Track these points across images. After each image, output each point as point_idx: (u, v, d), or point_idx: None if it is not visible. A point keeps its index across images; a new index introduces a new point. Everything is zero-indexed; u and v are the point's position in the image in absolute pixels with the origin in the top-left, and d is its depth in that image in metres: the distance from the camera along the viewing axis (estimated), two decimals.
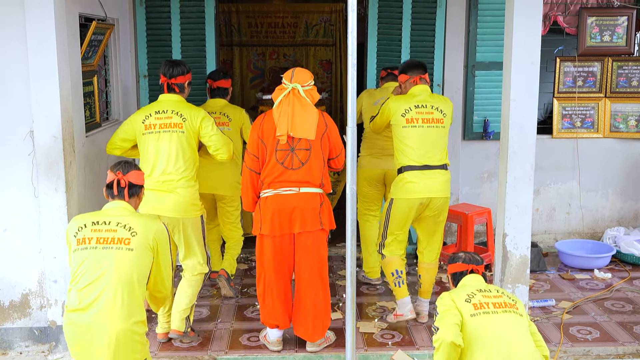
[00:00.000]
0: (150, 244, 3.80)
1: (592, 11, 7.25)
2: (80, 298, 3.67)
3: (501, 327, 3.70)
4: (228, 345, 5.18)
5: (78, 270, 3.72)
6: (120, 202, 3.94)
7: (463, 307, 3.74)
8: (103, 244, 3.72)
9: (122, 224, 3.79)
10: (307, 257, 4.95)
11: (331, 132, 4.96)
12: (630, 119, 7.44)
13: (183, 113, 5.07)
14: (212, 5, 6.96)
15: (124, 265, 3.70)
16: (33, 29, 4.82)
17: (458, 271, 4.05)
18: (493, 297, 3.81)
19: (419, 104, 5.32)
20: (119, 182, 3.96)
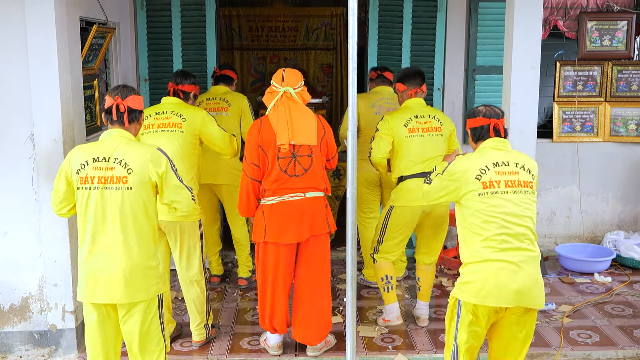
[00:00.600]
0: (148, 177, 3.83)
1: (592, 15, 7.26)
2: (92, 240, 3.80)
3: (505, 208, 3.76)
4: (228, 349, 5.18)
5: (85, 211, 3.81)
6: (118, 130, 3.92)
7: (472, 184, 3.82)
8: (105, 184, 3.77)
9: (119, 160, 3.80)
10: (314, 262, 4.93)
11: (329, 135, 4.94)
12: (630, 123, 7.45)
13: (183, 113, 5.08)
14: (213, 9, 6.97)
15: (126, 204, 3.77)
16: (34, 32, 4.82)
17: (478, 126, 4.02)
18: (508, 174, 3.81)
19: (418, 114, 5.34)
20: (118, 107, 3.91)
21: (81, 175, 3.80)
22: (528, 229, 3.78)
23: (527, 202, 3.81)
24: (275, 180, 4.79)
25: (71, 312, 5.13)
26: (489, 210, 3.76)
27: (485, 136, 3.99)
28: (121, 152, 3.82)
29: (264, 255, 4.94)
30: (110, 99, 3.93)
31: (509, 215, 3.74)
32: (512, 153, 3.94)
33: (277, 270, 4.93)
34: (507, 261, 3.70)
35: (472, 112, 4.08)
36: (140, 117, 4.03)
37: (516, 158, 3.91)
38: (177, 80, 5.32)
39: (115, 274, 3.75)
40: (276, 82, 4.82)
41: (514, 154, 3.93)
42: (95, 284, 3.78)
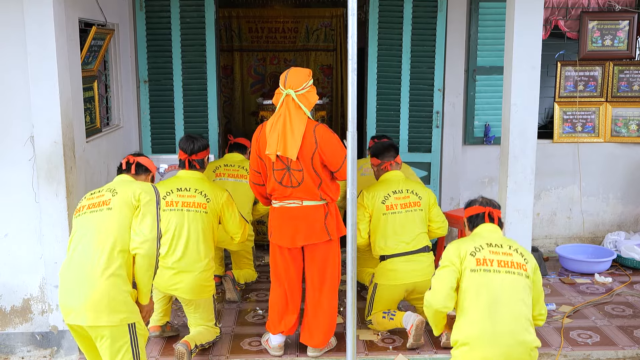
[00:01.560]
0: (129, 199, 3.91)
1: (593, 15, 7.26)
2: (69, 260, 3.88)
3: (496, 288, 3.75)
4: (229, 350, 5.17)
5: (72, 236, 3.95)
6: (123, 176, 4.18)
7: (467, 261, 3.81)
8: (91, 209, 3.94)
9: (111, 189, 4.01)
10: (315, 268, 4.95)
11: (323, 149, 4.71)
12: (631, 123, 7.44)
13: (207, 193, 5.10)
14: (212, 10, 6.97)
15: (103, 224, 3.86)
16: (33, 34, 4.82)
17: (474, 214, 4.09)
18: (501, 254, 3.84)
19: (396, 190, 5.40)
20: (127, 160, 4.25)
21: (77, 207, 4.05)
22: (520, 312, 3.76)
23: (521, 285, 3.80)
24: (273, 189, 4.84)
25: None
26: (480, 288, 3.77)
27: (480, 223, 4.07)
28: (115, 185, 4.05)
29: (273, 254, 5.04)
30: (124, 159, 4.30)
31: (501, 293, 3.75)
32: (505, 238, 4.00)
33: (283, 270, 4.99)
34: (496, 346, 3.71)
35: (470, 201, 4.20)
36: (147, 175, 4.27)
37: (510, 242, 3.97)
38: (190, 149, 5.19)
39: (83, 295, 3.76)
40: (280, 84, 4.76)
41: (508, 239, 4.00)
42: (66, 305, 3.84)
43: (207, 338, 5.08)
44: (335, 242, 5.00)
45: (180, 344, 4.80)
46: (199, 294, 5.00)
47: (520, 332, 3.74)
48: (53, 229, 5.01)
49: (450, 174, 7.35)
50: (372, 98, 7.24)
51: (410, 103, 7.21)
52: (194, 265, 4.96)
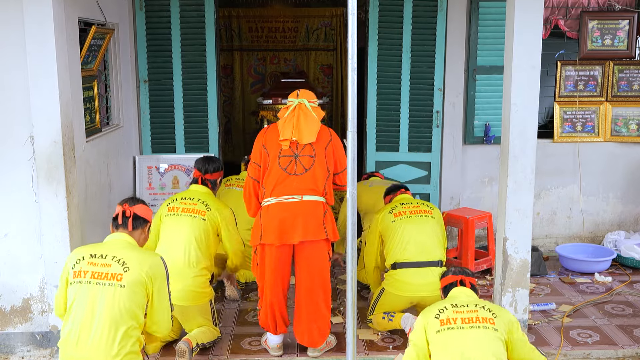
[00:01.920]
0: (144, 279, 3.86)
1: (593, 15, 7.25)
2: (73, 331, 3.79)
3: (463, 343, 3.74)
4: (229, 350, 5.18)
5: (73, 305, 3.83)
6: (121, 234, 4.05)
7: (431, 325, 3.83)
8: (97, 279, 3.81)
9: (117, 258, 3.87)
10: (309, 267, 4.93)
11: (336, 145, 4.98)
12: (631, 122, 7.44)
13: (209, 203, 5.21)
14: (212, 9, 6.97)
15: (115, 302, 3.79)
16: (32, 33, 4.81)
17: (448, 283, 4.15)
18: (466, 312, 3.85)
19: (404, 202, 5.50)
20: (124, 212, 4.07)
21: (75, 270, 3.87)
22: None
23: (489, 338, 3.77)
24: (274, 179, 4.83)
25: None
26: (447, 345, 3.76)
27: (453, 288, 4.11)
28: (120, 253, 3.91)
29: (262, 257, 4.99)
30: (119, 207, 4.13)
31: (467, 348, 3.72)
32: (475, 298, 4.00)
33: (272, 271, 4.96)
34: None
35: (443, 272, 4.25)
36: (145, 226, 4.17)
37: (480, 302, 3.94)
38: (204, 168, 5.40)
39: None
40: (292, 97, 5.00)
41: (479, 300, 3.97)
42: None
43: (209, 337, 5.09)
44: (329, 244, 5.03)
45: (182, 342, 4.80)
46: (193, 299, 5.01)
47: None
48: (53, 228, 5.01)
49: (451, 173, 7.35)
50: (372, 97, 7.24)
51: (410, 103, 7.21)
52: (184, 272, 4.99)
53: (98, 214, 5.87)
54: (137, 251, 3.98)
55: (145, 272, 3.87)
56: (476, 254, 6.80)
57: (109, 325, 3.76)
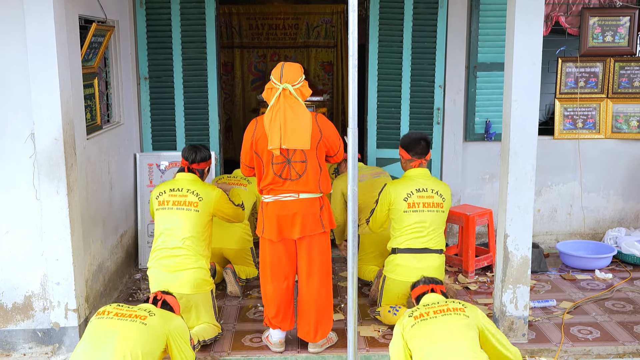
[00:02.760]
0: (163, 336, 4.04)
1: (594, 11, 7.25)
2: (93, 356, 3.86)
3: (437, 329, 3.89)
4: (231, 346, 5.18)
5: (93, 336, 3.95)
6: (148, 306, 4.20)
7: (406, 324, 4.00)
8: (119, 317, 3.98)
9: (143, 308, 4.11)
10: (309, 261, 4.96)
11: (327, 136, 4.85)
12: (632, 119, 7.44)
13: (199, 192, 5.18)
14: (213, 7, 6.97)
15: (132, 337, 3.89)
16: (33, 31, 4.81)
17: (420, 293, 4.30)
18: (437, 306, 4.04)
19: (420, 188, 5.37)
20: (155, 296, 4.27)
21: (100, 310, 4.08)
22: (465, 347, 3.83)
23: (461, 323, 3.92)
24: (270, 183, 4.83)
25: (74, 310, 5.13)
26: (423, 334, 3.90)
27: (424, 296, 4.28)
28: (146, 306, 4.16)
29: (263, 250, 5.04)
30: (153, 294, 4.32)
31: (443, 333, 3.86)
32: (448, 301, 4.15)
33: (274, 266, 4.99)
34: None
35: (414, 283, 4.42)
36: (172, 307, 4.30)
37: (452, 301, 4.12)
38: (191, 158, 5.35)
39: None
40: (275, 78, 4.77)
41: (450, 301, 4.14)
42: None
43: (210, 334, 5.11)
44: (328, 234, 5.05)
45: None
46: (196, 287, 5.06)
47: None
48: (54, 226, 5.01)
49: (451, 170, 7.35)
50: (372, 94, 7.24)
51: (411, 99, 7.21)
52: (185, 263, 5.04)
53: (99, 211, 5.87)
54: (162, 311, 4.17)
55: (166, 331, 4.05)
56: (477, 251, 6.81)
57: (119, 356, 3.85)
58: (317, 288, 4.99)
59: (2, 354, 5.25)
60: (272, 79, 4.78)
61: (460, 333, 3.86)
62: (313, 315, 4.99)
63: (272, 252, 4.97)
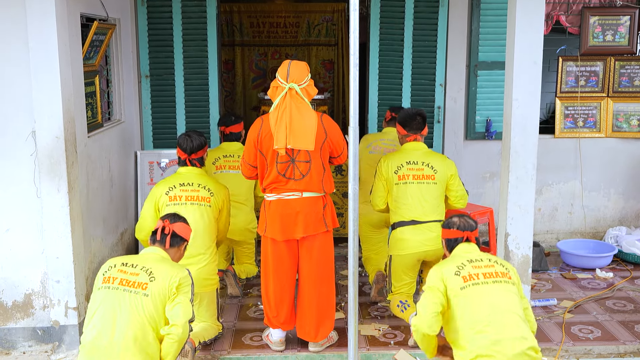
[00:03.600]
0: (166, 291, 3.92)
1: (594, 10, 7.25)
2: (96, 332, 3.84)
3: (491, 297, 3.83)
4: (231, 345, 5.18)
5: (98, 309, 3.89)
6: (156, 249, 4.14)
7: (452, 281, 3.88)
8: (124, 286, 3.89)
9: (146, 268, 3.96)
10: (312, 260, 4.95)
11: (332, 137, 4.85)
12: (632, 118, 7.44)
13: (210, 188, 5.15)
14: (214, 5, 6.97)
15: (140, 309, 3.85)
16: (34, 29, 4.81)
17: (452, 237, 4.17)
18: (484, 267, 3.93)
19: (410, 160, 5.40)
20: (163, 228, 4.15)
21: (105, 276, 3.95)
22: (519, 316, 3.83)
23: (509, 291, 3.90)
24: (273, 182, 4.81)
25: (74, 308, 5.13)
26: (474, 301, 3.84)
27: (458, 244, 4.17)
28: (150, 264, 4.00)
29: (265, 249, 5.02)
30: (160, 222, 4.21)
31: (497, 302, 3.82)
32: (483, 253, 4.08)
33: (276, 265, 4.97)
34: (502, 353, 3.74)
35: (447, 223, 4.24)
36: (181, 244, 4.26)
37: (488, 255, 4.06)
38: (189, 149, 5.22)
39: None
40: (281, 77, 4.75)
41: (485, 254, 4.08)
42: None
43: (210, 334, 5.11)
44: (331, 233, 5.04)
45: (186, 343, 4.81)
46: (203, 286, 5.03)
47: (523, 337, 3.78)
48: (55, 223, 5.01)
49: None
50: (373, 93, 7.24)
51: (412, 98, 7.21)
52: (197, 259, 5.00)
53: (100, 209, 5.88)
54: (167, 264, 4.04)
55: (170, 281, 3.93)
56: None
57: (131, 330, 3.81)
58: (319, 288, 4.98)
59: (1, 352, 5.25)
60: (278, 78, 4.77)
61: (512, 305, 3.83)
62: (314, 315, 4.99)
63: (274, 251, 4.95)
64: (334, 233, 5.19)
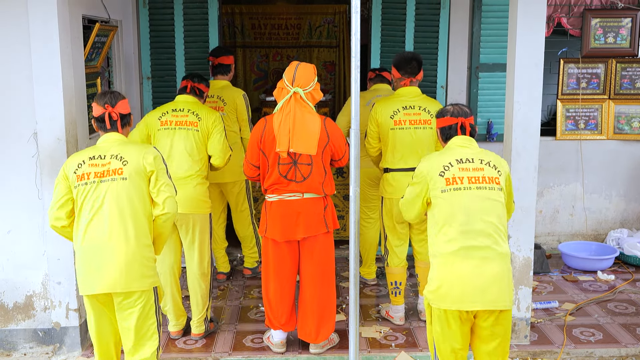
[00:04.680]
0: (143, 167, 3.95)
1: (595, 13, 7.25)
2: (87, 231, 3.88)
3: (469, 204, 3.76)
4: (232, 347, 5.19)
5: (82, 206, 3.91)
6: (112, 134, 4.06)
7: (435, 182, 3.82)
8: (100, 178, 3.90)
9: (115, 155, 3.95)
10: (313, 261, 4.95)
11: (334, 141, 4.85)
12: (634, 120, 7.44)
13: (199, 113, 5.22)
14: (216, 6, 6.97)
15: (121, 194, 3.89)
16: (36, 30, 4.82)
17: (446, 125, 4.02)
18: (472, 170, 3.82)
19: (407, 105, 5.34)
20: (110, 115, 4.04)
21: (78, 174, 3.92)
22: (493, 226, 3.76)
23: (493, 198, 3.80)
24: (274, 183, 4.81)
25: (75, 309, 5.13)
26: (452, 206, 3.77)
27: (453, 135, 4.00)
28: (117, 150, 3.98)
29: (266, 250, 5.02)
30: (99, 107, 4.06)
31: (472, 211, 3.74)
32: (478, 150, 3.94)
33: (277, 266, 4.97)
34: (469, 260, 3.72)
35: (441, 111, 4.09)
36: (130, 119, 4.21)
37: (482, 155, 3.91)
38: (194, 79, 5.42)
39: (113, 263, 3.84)
40: (287, 79, 4.76)
41: (479, 151, 3.94)
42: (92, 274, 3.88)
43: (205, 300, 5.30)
44: (331, 234, 5.04)
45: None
46: (196, 207, 5.12)
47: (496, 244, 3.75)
48: None
49: None
50: None
51: None
52: (187, 180, 5.11)
53: None
54: (131, 146, 4.06)
55: (142, 159, 3.96)
56: None
57: (119, 215, 3.86)
58: (320, 289, 4.98)
59: (2, 353, 5.25)
60: (284, 80, 4.78)
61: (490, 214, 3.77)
62: (315, 317, 4.99)
63: (275, 253, 4.95)
64: (334, 235, 5.19)
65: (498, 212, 3.79)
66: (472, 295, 3.70)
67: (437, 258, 3.81)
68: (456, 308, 3.73)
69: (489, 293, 3.71)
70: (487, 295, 3.71)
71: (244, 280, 6.63)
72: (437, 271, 3.80)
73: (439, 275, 3.78)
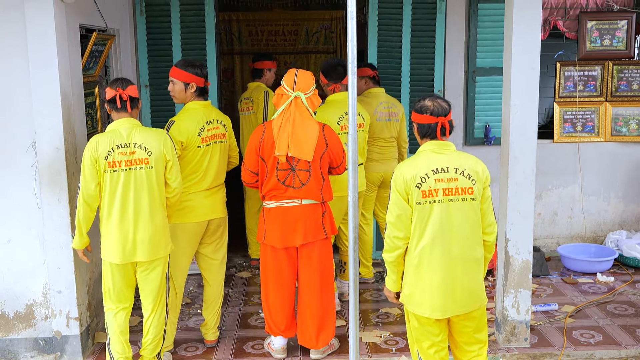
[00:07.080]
0: (163, 156, 4.54)
1: (591, 15, 7.27)
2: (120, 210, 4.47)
3: (441, 216, 3.79)
4: (232, 353, 5.19)
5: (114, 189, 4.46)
6: (127, 119, 4.54)
7: (413, 192, 3.81)
8: (129, 166, 4.45)
9: (138, 144, 4.48)
10: (312, 267, 4.96)
11: (332, 148, 4.88)
12: (631, 122, 7.45)
13: (225, 123, 5.24)
14: (212, 14, 6.98)
15: (150, 179, 4.50)
16: (34, 40, 4.84)
17: (425, 123, 3.93)
18: (446, 180, 3.81)
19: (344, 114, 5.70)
20: (121, 96, 4.51)
21: (109, 161, 4.41)
22: (464, 236, 3.82)
23: (465, 209, 3.82)
24: (272, 189, 4.82)
25: (75, 318, 5.14)
26: (424, 219, 3.81)
27: (432, 135, 3.94)
28: (139, 138, 4.49)
29: (264, 257, 5.03)
30: (112, 90, 4.53)
31: (445, 222, 3.79)
32: (454, 156, 3.90)
33: (276, 272, 4.98)
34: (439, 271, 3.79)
35: (420, 106, 3.99)
36: (138, 103, 4.66)
37: (457, 161, 3.87)
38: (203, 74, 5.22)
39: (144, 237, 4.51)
40: (287, 85, 4.79)
41: (455, 157, 3.89)
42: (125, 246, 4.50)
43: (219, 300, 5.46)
44: (330, 240, 5.06)
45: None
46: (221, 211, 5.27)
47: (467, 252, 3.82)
48: (56, 234, 5.03)
49: None
50: None
51: (410, 105, 7.21)
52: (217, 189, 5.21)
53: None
54: (149, 132, 4.56)
55: (161, 148, 4.53)
56: None
57: (148, 198, 4.51)
58: (319, 294, 4.99)
59: None
60: (284, 86, 4.80)
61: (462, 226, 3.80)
62: (315, 322, 4.99)
63: (273, 259, 4.96)
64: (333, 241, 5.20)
65: (470, 222, 3.84)
66: (443, 305, 3.81)
67: (410, 267, 3.89)
68: (428, 316, 3.85)
69: (460, 300, 3.83)
70: (458, 302, 3.82)
71: (244, 287, 6.64)
72: (410, 278, 3.90)
73: (412, 282, 3.88)
